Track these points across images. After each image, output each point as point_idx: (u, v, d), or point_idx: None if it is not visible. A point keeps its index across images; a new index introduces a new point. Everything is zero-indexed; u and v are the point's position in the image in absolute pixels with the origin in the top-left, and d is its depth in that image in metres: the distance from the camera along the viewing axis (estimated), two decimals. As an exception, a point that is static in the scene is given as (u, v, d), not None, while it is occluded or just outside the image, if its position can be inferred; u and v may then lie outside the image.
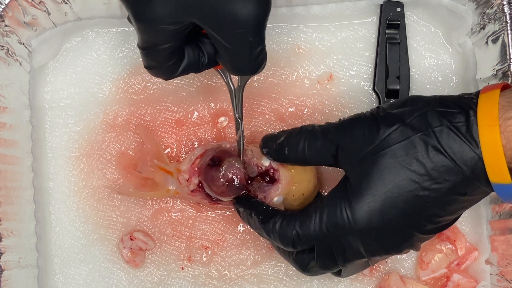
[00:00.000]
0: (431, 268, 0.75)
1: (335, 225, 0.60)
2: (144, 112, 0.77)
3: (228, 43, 0.58)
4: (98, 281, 0.76)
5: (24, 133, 0.75)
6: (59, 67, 0.77)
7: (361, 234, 0.60)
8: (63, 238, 0.76)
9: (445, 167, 0.57)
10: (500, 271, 0.73)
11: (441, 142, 0.57)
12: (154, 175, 0.72)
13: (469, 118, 0.56)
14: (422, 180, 0.57)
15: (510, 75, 0.69)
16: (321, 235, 0.61)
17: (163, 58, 0.60)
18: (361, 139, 0.60)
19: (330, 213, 0.60)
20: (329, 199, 0.61)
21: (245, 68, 0.61)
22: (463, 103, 0.58)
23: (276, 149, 0.66)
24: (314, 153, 0.64)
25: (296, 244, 0.63)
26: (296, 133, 0.65)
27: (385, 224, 0.59)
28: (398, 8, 0.76)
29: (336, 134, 0.62)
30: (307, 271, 0.65)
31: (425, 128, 0.58)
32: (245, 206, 0.68)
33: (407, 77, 0.76)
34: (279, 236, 0.63)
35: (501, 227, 0.73)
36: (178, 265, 0.76)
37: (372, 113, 0.62)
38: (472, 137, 0.56)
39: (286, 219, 0.63)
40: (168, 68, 0.62)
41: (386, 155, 0.58)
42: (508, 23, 0.69)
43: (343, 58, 0.77)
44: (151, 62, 0.61)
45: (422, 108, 0.59)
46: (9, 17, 0.70)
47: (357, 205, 0.59)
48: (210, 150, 0.70)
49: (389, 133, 0.59)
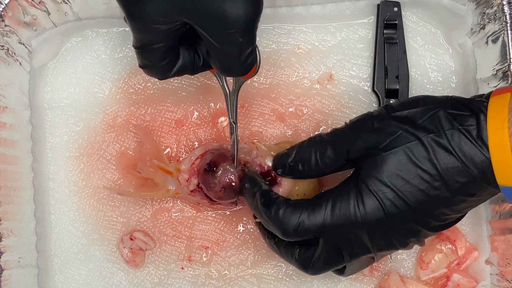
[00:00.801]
0: (431, 268, 0.75)
1: (345, 217, 0.60)
2: (144, 112, 0.77)
3: (217, 43, 0.58)
4: (98, 281, 0.76)
5: (24, 133, 0.75)
6: (59, 67, 0.77)
7: (370, 228, 0.60)
8: (63, 238, 0.76)
9: (455, 168, 0.58)
10: (500, 271, 0.73)
11: (452, 145, 0.58)
12: (154, 175, 0.72)
13: (480, 122, 0.57)
14: (433, 180, 0.58)
15: (510, 75, 0.69)
16: (330, 226, 0.61)
17: (156, 57, 0.61)
18: (372, 139, 0.61)
19: (342, 205, 0.61)
20: (340, 192, 0.61)
21: (234, 69, 0.61)
22: (474, 106, 0.58)
23: (290, 167, 0.66)
24: (327, 163, 0.64)
25: (298, 233, 0.62)
26: (305, 147, 0.65)
27: (394, 220, 0.60)
28: (395, 8, 0.76)
29: (345, 139, 0.63)
30: (311, 268, 0.64)
31: (437, 130, 0.58)
32: (252, 183, 0.67)
33: (406, 76, 0.76)
34: (280, 222, 0.62)
35: (501, 227, 0.73)
36: (178, 265, 0.76)
37: (381, 112, 0.62)
38: (482, 140, 0.57)
39: (291, 207, 0.62)
40: (162, 68, 0.63)
41: (398, 153, 0.59)
42: (508, 23, 0.69)
43: (343, 58, 0.78)
44: (145, 61, 0.62)
45: (433, 109, 0.60)
46: (9, 17, 0.70)
47: (369, 200, 0.60)
48: (209, 153, 0.70)
49: (401, 133, 0.59)
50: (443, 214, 0.60)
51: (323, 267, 0.64)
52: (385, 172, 0.59)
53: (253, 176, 0.68)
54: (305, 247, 0.64)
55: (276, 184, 0.68)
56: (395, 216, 0.59)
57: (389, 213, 0.59)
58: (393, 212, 0.59)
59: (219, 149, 0.70)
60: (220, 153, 0.69)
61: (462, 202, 0.59)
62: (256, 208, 0.65)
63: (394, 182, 0.59)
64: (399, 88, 0.75)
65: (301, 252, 0.64)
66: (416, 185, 0.59)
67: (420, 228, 0.61)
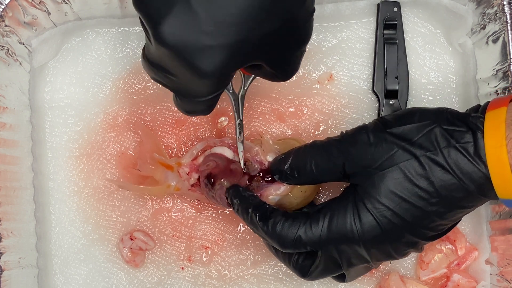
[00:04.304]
0: (431, 268, 0.75)
1: (342, 233, 0.61)
2: (144, 112, 0.77)
3: (287, 65, 0.58)
4: (98, 281, 0.76)
5: (24, 133, 0.75)
6: (59, 67, 0.77)
7: (367, 243, 0.60)
8: (63, 238, 0.76)
9: (453, 185, 0.58)
10: (500, 271, 0.73)
11: (449, 162, 0.57)
12: (154, 172, 0.72)
13: (477, 139, 0.57)
14: (430, 197, 0.58)
15: (510, 75, 0.69)
16: (327, 242, 0.61)
17: (207, 104, 0.58)
18: (368, 155, 0.60)
19: (338, 222, 0.61)
20: (337, 207, 0.61)
21: (290, 76, 0.61)
22: (470, 122, 0.58)
23: (285, 175, 0.66)
24: (323, 173, 0.64)
25: (296, 247, 0.62)
26: (301, 153, 0.65)
27: (390, 235, 0.60)
28: (395, 8, 0.76)
29: (341, 151, 0.62)
30: (308, 275, 0.65)
31: (433, 148, 0.58)
32: (241, 199, 0.66)
33: (406, 77, 0.76)
34: (278, 236, 0.63)
35: (501, 227, 0.73)
36: (178, 265, 0.76)
37: (377, 126, 0.62)
38: (480, 158, 0.56)
39: (289, 221, 0.62)
40: (209, 109, 0.60)
41: (394, 171, 0.59)
42: (508, 23, 0.69)
43: (343, 59, 0.77)
44: (190, 108, 0.59)
45: (429, 125, 0.59)
46: (9, 17, 0.70)
47: (366, 218, 0.60)
48: (211, 159, 0.69)
49: (397, 150, 0.59)
50: (440, 225, 0.60)
51: (320, 275, 0.65)
52: (382, 190, 0.59)
53: (237, 190, 0.67)
54: (304, 255, 0.65)
55: (277, 182, 0.68)
56: (392, 232, 0.60)
57: (386, 230, 0.59)
58: (390, 229, 0.59)
59: (221, 157, 0.70)
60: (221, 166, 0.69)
61: (459, 213, 0.60)
62: (251, 223, 0.65)
63: (391, 201, 0.59)
64: (399, 89, 0.75)
65: (299, 260, 0.65)
66: (413, 202, 0.58)
67: (417, 240, 0.61)
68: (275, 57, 0.56)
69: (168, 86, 0.57)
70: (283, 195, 0.68)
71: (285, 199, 0.69)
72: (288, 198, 0.69)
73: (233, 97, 0.68)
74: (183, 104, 0.59)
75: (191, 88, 0.56)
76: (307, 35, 0.57)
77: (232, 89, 0.68)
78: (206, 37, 0.51)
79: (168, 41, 0.51)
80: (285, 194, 0.69)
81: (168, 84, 0.56)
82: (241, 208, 0.66)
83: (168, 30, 0.51)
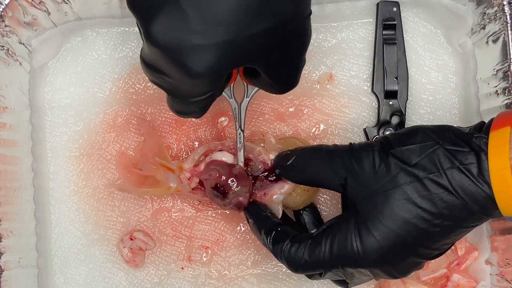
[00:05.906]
0: (431, 268, 0.75)
1: (345, 256, 0.60)
2: (144, 112, 0.77)
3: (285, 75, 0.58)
4: (98, 281, 0.76)
5: (24, 133, 0.75)
6: (59, 67, 0.77)
7: (370, 265, 0.60)
8: (63, 238, 0.76)
9: (456, 206, 0.57)
10: (500, 271, 0.73)
11: (453, 184, 0.57)
12: (155, 172, 0.72)
13: (481, 161, 0.56)
14: (433, 219, 0.58)
15: (510, 75, 0.69)
16: (331, 264, 0.61)
17: (200, 105, 0.58)
18: (371, 175, 0.60)
19: (340, 245, 0.60)
20: (338, 230, 0.61)
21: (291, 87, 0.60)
22: (474, 143, 0.57)
23: (286, 172, 0.67)
24: (321, 179, 0.64)
25: (305, 270, 0.63)
26: (306, 154, 0.65)
27: (394, 257, 0.60)
28: (394, 8, 0.76)
29: (345, 164, 0.62)
30: (311, 279, 0.67)
31: (436, 170, 0.58)
32: (256, 219, 0.67)
33: (406, 77, 0.76)
34: (287, 261, 0.63)
35: (501, 227, 0.73)
36: (178, 265, 0.76)
37: (382, 146, 0.61)
38: (484, 179, 0.56)
39: (295, 246, 0.63)
40: (203, 111, 0.60)
41: (397, 192, 0.58)
42: (508, 23, 0.69)
43: (343, 58, 0.77)
44: (182, 109, 0.59)
45: (432, 146, 0.59)
46: (9, 17, 0.70)
47: (368, 240, 0.59)
48: (214, 169, 0.69)
49: (399, 172, 0.59)
50: (444, 244, 0.60)
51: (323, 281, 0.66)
52: (385, 213, 0.59)
53: (253, 209, 0.68)
54: None
55: (281, 180, 0.68)
56: (395, 254, 0.59)
57: (389, 252, 0.59)
58: (393, 251, 0.59)
59: (222, 165, 0.69)
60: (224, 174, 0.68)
61: (463, 233, 0.60)
62: (263, 243, 0.66)
63: (394, 223, 0.58)
64: (398, 89, 0.75)
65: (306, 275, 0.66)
66: (416, 224, 0.58)
67: (421, 260, 0.61)
68: (271, 63, 0.56)
69: (163, 86, 0.57)
70: (287, 193, 0.69)
71: (289, 199, 0.69)
72: (292, 197, 0.69)
73: (234, 105, 0.68)
74: (175, 105, 0.59)
75: (182, 89, 0.55)
76: (304, 40, 0.56)
77: (234, 97, 0.68)
78: (195, 36, 0.50)
79: (158, 40, 0.51)
80: (289, 193, 0.69)
81: (163, 85, 0.56)
82: (254, 228, 0.67)
83: (158, 29, 0.51)
